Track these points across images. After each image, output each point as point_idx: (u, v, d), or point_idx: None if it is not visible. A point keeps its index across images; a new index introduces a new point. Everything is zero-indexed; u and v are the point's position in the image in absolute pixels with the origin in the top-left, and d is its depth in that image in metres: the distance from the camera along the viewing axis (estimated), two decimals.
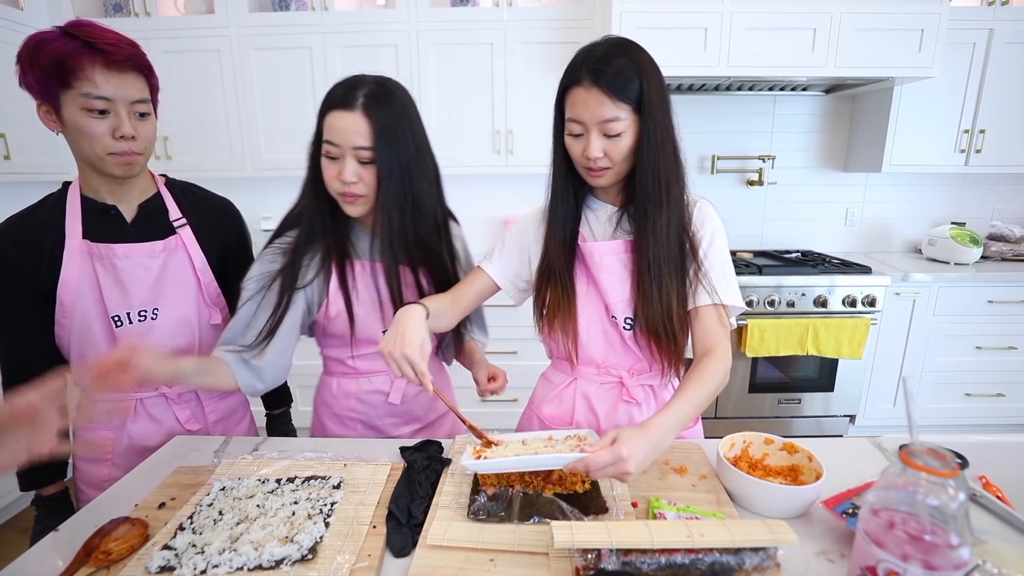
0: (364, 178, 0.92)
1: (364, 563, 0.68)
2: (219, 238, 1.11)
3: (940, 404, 2.64)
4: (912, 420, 0.58)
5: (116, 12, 2.58)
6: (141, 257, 1.00)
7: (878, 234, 3.04)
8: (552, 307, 0.99)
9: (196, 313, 1.06)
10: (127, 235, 1.01)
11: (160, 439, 1.05)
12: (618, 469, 0.69)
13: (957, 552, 0.50)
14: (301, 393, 2.70)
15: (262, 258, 1.02)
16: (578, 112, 0.86)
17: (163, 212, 1.05)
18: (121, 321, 0.99)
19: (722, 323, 0.92)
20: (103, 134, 0.91)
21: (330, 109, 0.92)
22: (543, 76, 2.53)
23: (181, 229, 1.05)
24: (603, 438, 0.73)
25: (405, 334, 0.83)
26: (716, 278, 0.92)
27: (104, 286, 0.97)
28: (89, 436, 1.02)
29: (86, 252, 0.97)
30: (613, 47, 0.86)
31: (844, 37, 2.29)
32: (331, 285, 1.02)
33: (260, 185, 2.95)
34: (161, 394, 1.05)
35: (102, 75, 0.88)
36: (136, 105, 0.93)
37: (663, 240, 0.90)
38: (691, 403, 0.80)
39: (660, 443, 0.74)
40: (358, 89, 0.93)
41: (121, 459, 1.04)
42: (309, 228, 1.00)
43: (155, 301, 1.02)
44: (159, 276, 1.02)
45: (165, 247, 1.03)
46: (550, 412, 1.07)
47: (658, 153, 0.87)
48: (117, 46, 0.89)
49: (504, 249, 1.05)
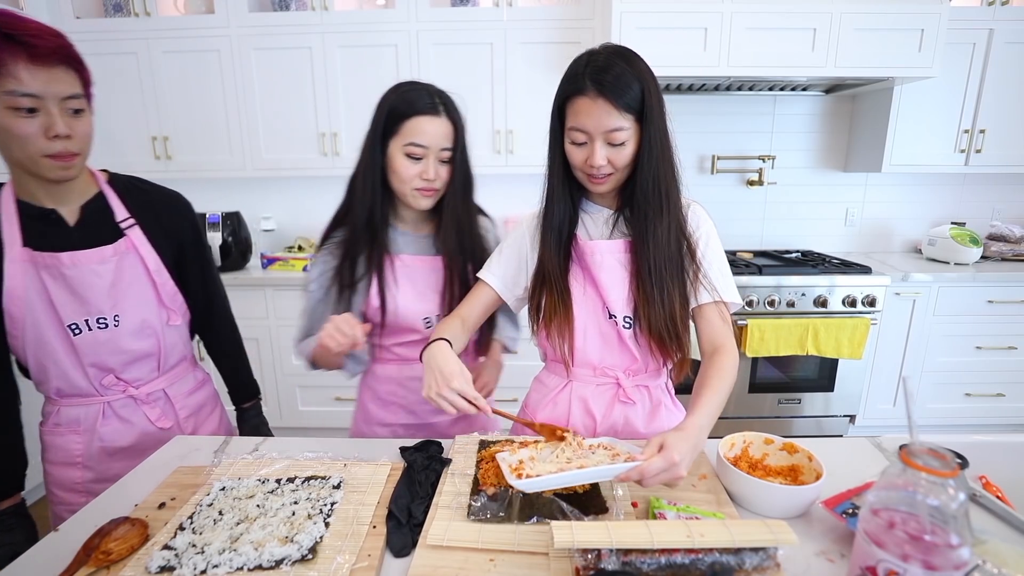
0: (441, 175, 1.04)
1: (364, 563, 0.68)
2: (171, 235, 1.07)
3: (940, 404, 2.64)
4: (912, 420, 0.58)
5: (116, 12, 2.58)
6: (91, 264, 0.96)
7: (878, 234, 3.04)
8: (548, 311, 0.99)
9: (156, 315, 1.04)
10: (71, 240, 0.95)
11: (131, 439, 1.05)
12: (671, 475, 0.70)
13: (957, 552, 0.50)
14: (301, 393, 2.72)
15: (318, 259, 1.11)
16: (582, 121, 0.86)
17: (108, 213, 1.00)
18: (79, 329, 0.97)
19: (725, 320, 0.94)
20: (35, 135, 0.84)
21: (416, 114, 1.00)
22: (543, 76, 2.53)
23: (130, 230, 1.00)
24: (649, 444, 0.73)
25: (443, 370, 0.82)
26: (715, 277, 0.95)
27: (55, 295, 0.94)
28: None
29: (28, 261, 0.92)
30: (614, 56, 0.86)
31: (844, 37, 2.29)
32: (374, 278, 1.09)
33: (260, 185, 2.96)
34: (129, 396, 1.04)
35: (26, 70, 0.81)
36: (68, 101, 0.86)
37: (663, 244, 0.92)
38: (717, 400, 0.83)
39: (698, 444, 0.76)
40: (436, 96, 1.02)
41: (92, 461, 1.04)
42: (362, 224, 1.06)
43: (115, 307, 0.99)
44: (114, 282, 0.98)
45: (115, 251, 0.98)
46: (545, 417, 1.06)
47: (658, 160, 0.89)
48: (41, 37, 0.82)
49: (502, 257, 1.05)
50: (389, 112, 1.02)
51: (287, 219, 3.02)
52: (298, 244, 2.88)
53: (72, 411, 1.03)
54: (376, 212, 1.06)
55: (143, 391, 1.06)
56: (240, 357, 1.28)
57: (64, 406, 1.03)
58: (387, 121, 1.01)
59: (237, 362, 1.27)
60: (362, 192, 1.05)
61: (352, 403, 1.28)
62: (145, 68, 2.57)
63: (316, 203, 2.99)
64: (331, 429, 2.68)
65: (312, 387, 2.67)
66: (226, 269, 2.65)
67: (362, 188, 1.05)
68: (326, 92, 2.59)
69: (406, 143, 1.00)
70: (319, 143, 2.64)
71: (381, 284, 1.08)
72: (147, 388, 1.07)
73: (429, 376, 0.84)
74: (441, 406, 0.81)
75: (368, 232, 1.06)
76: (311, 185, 2.95)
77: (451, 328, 0.96)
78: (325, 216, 1.16)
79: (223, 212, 2.64)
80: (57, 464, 1.05)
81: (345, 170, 1.12)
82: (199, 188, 2.91)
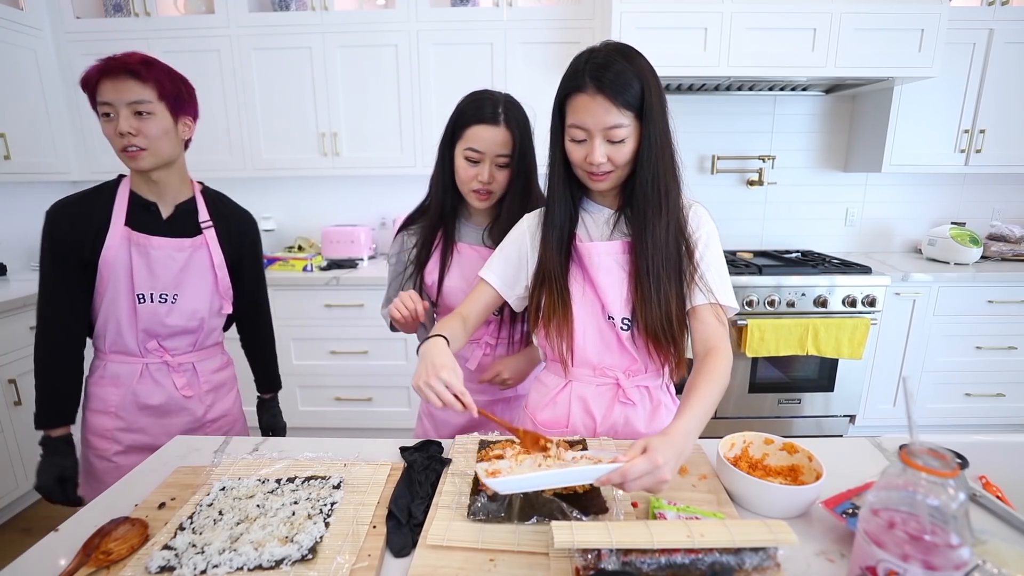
0: (498, 178, 1.11)
1: (364, 563, 0.68)
2: (236, 243, 1.27)
3: (940, 404, 2.64)
4: (912, 420, 0.58)
5: (116, 12, 2.58)
6: (171, 250, 1.17)
7: (878, 234, 3.04)
8: (547, 310, 0.99)
9: (208, 303, 1.23)
10: (161, 229, 1.17)
11: (159, 400, 1.21)
12: (654, 478, 0.68)
13: (957, 552, 0.50)
14: (301, 393, 2.72)
15: (397, 239, 1.27)
16: (581, 118, 0.86)
17: (194, 214, 1.21)
18: (144, 299, 1.15)
19: (720, 321, 0.93)
20: (111, 135, 1.08)
21: (476, 122, 1.08)
22: (543, 76, 2.53)
23: (207, 230, 1.21)
24: (633, 447, 0.71)
25: (434, 362, 0.83)
26: (712, 279, 0.94)
27: (136, 268, 1.14)
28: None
29: (125, 237, 1.13)
30: (614, 53, 0.86)
31: (844, 37, 2.29)
32: (432, 259, 1.21)
33: (260, 185, 2.95)
34: (164, 362, 1.21)
35: (102, 84, 1.06)
36: (134, 105, 1.06)
37: (662, 243, 0.91)
38: (705, 405, 0.81)
39: (684, 449, 0.73)
40: (499, 105, 1.10)
41: (124, 412, 1.20)
42: (435, 215, 1.20)
43: (176, 287, 1.18)
44: (183, 267, 1.18)
45: (192, 244, 1.19)
46: (545, 417, 1.06)
47: (658, 158, 0.88)
48: (115, 60, 1.06)
49: (503, 256, 1.05)
50: (456, 118, 1.12)
51: (287, 219, 3.02)
52: (298, 244, 2.88)
53: (116, 367, 1.20)
54: (447, 205, 1.19)
55: (176, 360, 1.23)
56: (271, 353, 1.48)
57: (111, 362, 1.20)
58: (454, 127, 1.12)
59: (268, 357, 1.47)
60: (435, 188, 1.20)
61: (352, 403, 1.30)
62: None
63: (316, 203, 2.99)
64: (331, 429, 2.68)
65: (312, 387, 2.67)
66: None
67: (435, 185, 1.19)
68: (326, 92, 2.59)
69: (465, 148, 1.09)
70: (319, 143, 2.64)
71: (441, 266, 1.20)
72: (181, 359, 1.23)
73: (421, 367, 0.84)
74: (428, 397, 0.81)
75: (440, 222, 1.20)
76: (311, 185, 2.95)
77: (451, 326, 0.97)
78: (325, 216, 1.19)
79: None
80: (96, 412, 1.20)
81: (345, 170, 1.14)
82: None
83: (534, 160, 1.15)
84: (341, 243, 2.73)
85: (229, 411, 1.34)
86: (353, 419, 2.68)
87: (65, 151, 2.64)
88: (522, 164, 1.12)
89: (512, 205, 1.14)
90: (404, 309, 1.03)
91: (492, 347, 1.23)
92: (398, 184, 2.95)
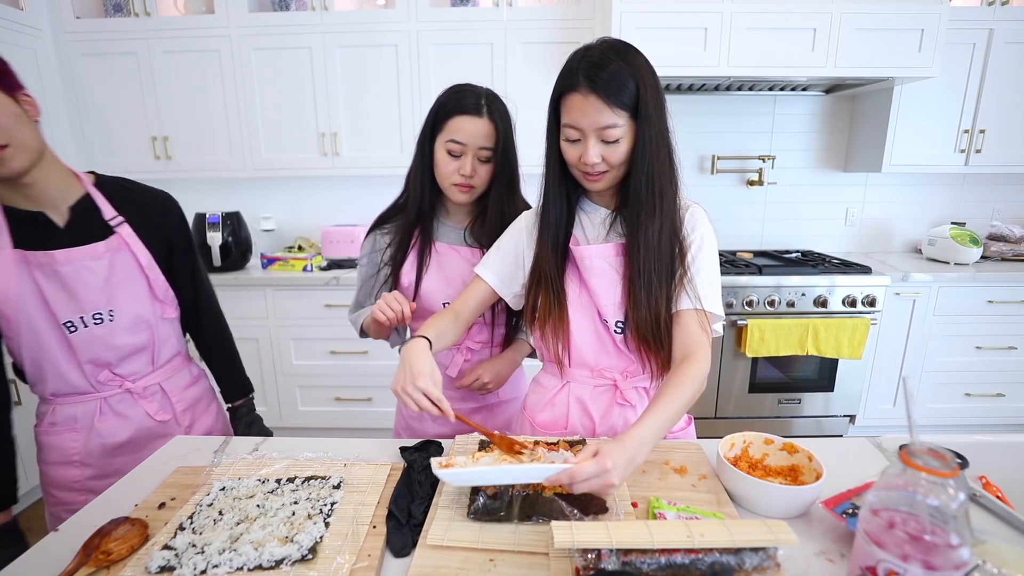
0: (480, 172, 1.09)
1: (364, 563, 0.68)
2: (160, 233, 1.09)
3: (940, 404, 2.64)
4: (912, 420, 0.58)
5: (116, 12, 2.58)
6: (85, 261, 0.98)
7: (878, 234, 3.04)
8: (543, 311, 0.98)
9: (149, 309, 1.07)
10: (62, 241, 0.98)
11: (128, 434, 1.06)
12: (602, 481, 0.67)
13: (957, 552, 0.50)
14: (301, 393, 2.72)
15: (369, 238, 1.21)
16: (575, 118, 0.85)
17: (96, 212, 1.02)
18: (75, 326, 0.99)
19: (704, 329, 0.89)
20: None
21: (459, 113, 1.06)
22: (543, 76, 2.53)
23: (119, 228, 1.03)
24: (584, 449, 0.71)
25: (413, 368, 0.84)
26: (701, 284, 0.91)
27: (48, 294, 0.96)
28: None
29: (21, 262, 0.94)
30: (609, 51, 0.84)
31: (844, 37, 2.29)
32: (408, 259, 1.17)
33: (260, 185, 2.95)
34: (126, 390, 1.06)
35: None
36: None
37: (654, 245, 0.89)
38: (666, 413, 0.78)
39: (636, 456, 0.72)
40: (482, 98, 1.07)
41: (91, 458, 1.05)
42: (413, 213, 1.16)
43: (109, 302, 1.01)
44: (107, 277, 1.01)
45: (108, 247, 1.01)
46: (544, 418, 1.06)
47: (653, 159, 0.86)
48: None
49: (499, 253, 1.04)
50: (437, 110, 1.09)
51: (287, 219, 3.02)
52: (298, 244, 2.88)
53: (68, 409, 1.04)
54: (425, 202, 1.15)
55: (139, 385, 1.08)
56: (230, 355, 1.29)
57: (60, 405, 1.04)
58: (434, 119, 1.09)
59: (227, 360, 1.29)
60: (413, 183, 1.15)
61: (352, 403, 1.30)
62: (145, 68, 2.57)
63: (316, 203, 2.99)
64: (331, 429, 2.68)
65: (312, 387, 2.67)
66: (226, 269, 2.65)
67: (413, 180, 1.15)
68: (326, 92, 2.59)
69: (447, 140, 1.07)
70: (319, 143, 2.64)
71: (419, 266, 1.16)
72: (143, 382, 1.09)
73: (400, 371, 0.85)
74: (405, 402, 0.83)
75: (417, 220, 1.16)
76: (311, 185, 2.95)
77: (440, 323, 0.96)
78: (325, 216, 1.19)
79: (223, 212, 2.64)
80: (54, 464, 1.06)
81: (345, 170, 1.14)
82: (199, 188, 2.92)
83: (516, 156, 1.12)
84: (341, 243, 2.73)
85: (213, 427, 1.22)
86: (353, 419, 2.68)
87: (65, 151, 2.63)
88: (505, 158, 1.09)
89: (497, 202, 1.12)
90: (389, 311, 1.00)
91: (473, 352, 1.21)
92: (398, 184, 2.89)
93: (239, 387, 1.29)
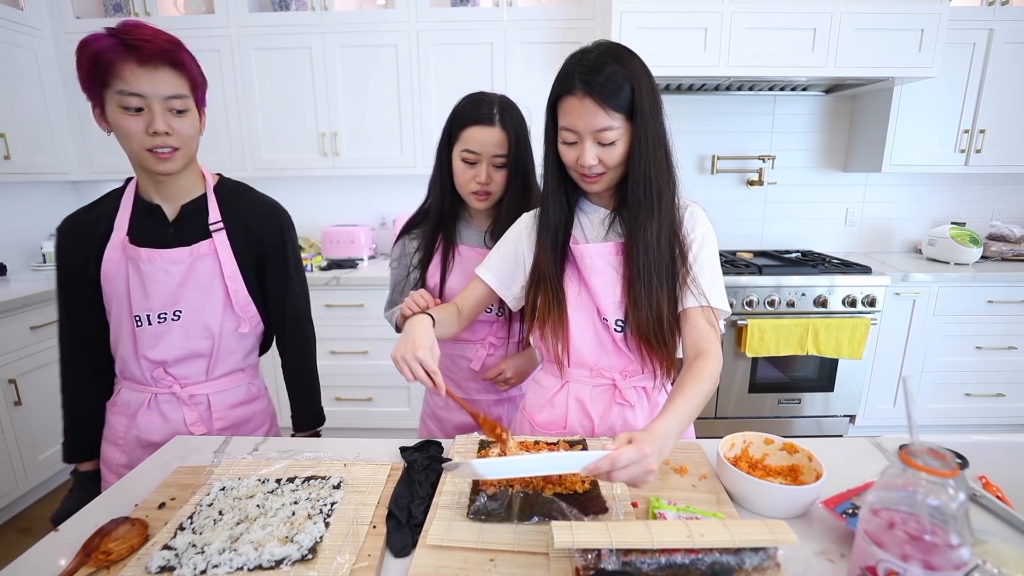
0: (495, 179, 1.12)
1: (364, 563, 0.68)
2: (255, 242, 1.09)
3: (940, 404, 2.64)
4: (912, 420, 0.58)
5: (116, 12, 2.58)
6: (164, 263, 1.01)
7: (878, 234, 3.04)
8: (543, 311, 0.98)
9: (219, 319, 1.06)
10: (165, 236, 1.03)
11: (164, 436, 1.06)
12: (642, 467, 0.66)
13: (957, 552, 0.50)
14: None
15: (399, 243, 1.27)
16: (571, 121, 0.86)
17: (203, 215, 1.05)
18: (141, 322, 1.03)
19: (712, 325, 0.91)
20: (138, 132, 0.92)
21: (472, 124, 1.09)
22: (543, 76, 2.53)
23: (216, 233, 1.05)
24: (618, 438, 0.70)
25: (415, 339, 0.86)
26: (705, 281, 0.92)
27: (132, 286, 1.01)
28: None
29: (123, 251, 1.01)
30: (605, 55, 0.85)
31: (844, 37, 2.29)
32: (433, 262, 1.21)
33: (260, 185, 2.90)
34: (173, 393, 1.07)
35: (131, 71, 0.89)
36: (171, 101, 0.93)
37: (653, 246, 0.90)
38: (688, 407, 0.78)
39: (664, 447, 0.71)
40: (495, 107, 1.10)
41: (128, 446, 1.08)
42: (435, 219, 1.20)
43: (176, 303, 1.03)
44: (182, 281, 1.03)
45: (192, 253, 1.03)
46: (543, 418, 1.06)
47: (650, 160, 0.87)
48: (151, 41, 0.89)
49: (499, 255, 1.06)
50: (452, 121, 1.13)
51: None
52: None
53: (127, 394, 1.08)
54: (446, 208, 1.19)
55: (187, 391, 1.07)
56: (309, 381, 1.25)
57: (124, 388, 1.09)
58: (450, 129, 1.13)
59: (305, 386, 1.25)
60: (434, 191, 1.20)
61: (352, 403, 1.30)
62: None
63: (316, 203, 2.99)
64: (331, 429, 2.66)
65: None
66: None
67: (434, 188, 1.20)
68: (326, 92, 2.59)
69: (462, 149, 1.10)
70: (319, 143, 2.64)
71: (443, 269, 1.21)
72: (192, 389, 1.08)
73: (401, 340, 0.88)
74: (401, 369, 0.85)
75: (440, 226, 1.21)
76: (311, 185, 2.95)
77: (444, 313, 1.00)
78: (325, 216, 1.19)
79: None
80: (108, 442, 1.10)
81: (345, 170, 1.14)
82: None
83: (531, 159, 1.15)
84: (341, 243, 2.73)
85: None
86: (353, 419, 2.67)
87: (65, 151, 2.64)
88: (519, 163, 1.12)
89: (511, 205, 1.15)
90: (415, 307, 1.03)
91: (495, 347, 1.24)
92: (398, 184, 2.95)
93: (311, 416, 1.25)
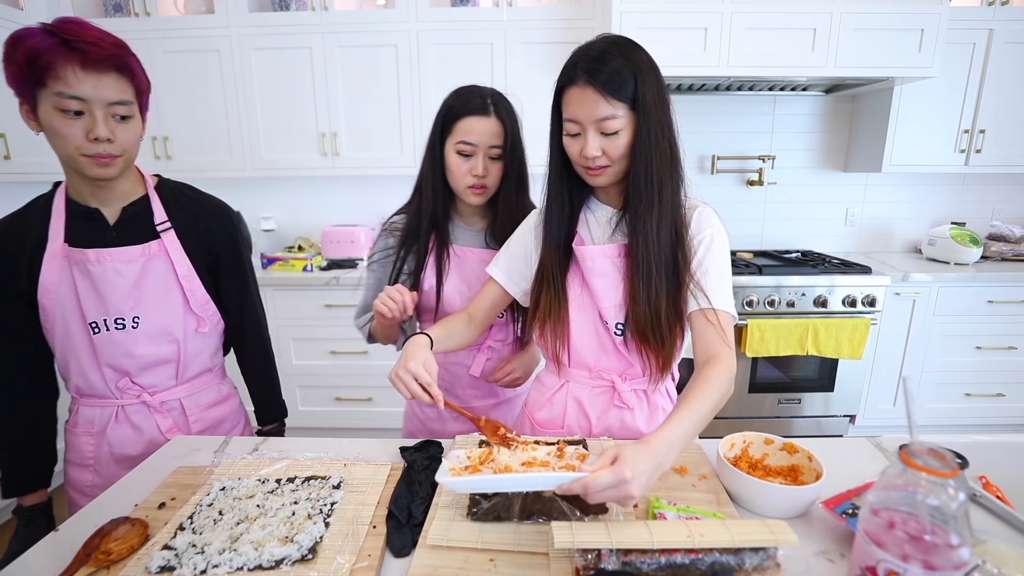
0: (491, 171, 1.09)
1: (364, 563, 0.68)
2: (208, 243, 1.07)
3: (940, 404, 2.64)
4: (912, 420, 0.58)
5: (116, 12, 2.57)
6: (116, 263, 0.97)
7: (878, 234, 3.04)
8: (544, 310, 0.98)
9: (181, 322, 1.04)
10: (107, 239, 0.97)
11: (140, 449, 1.03)
12: (620, 492, 0.62)
13: (957, 552, 0.50)
14: (301, 393, 2.71)
15: (379, 242, 1.19)
16: (574, 111, 0.86)
17: (147, 215, 1.01)
18: (98, 328, 0.97)
19: (721, 329, 0.87)
20: (76, 135, 0.87)
21: (467, 115, 1.06)
22: (543, 76, 2.53)
23: (165, 233, 1.01)
24: (602, 456, 0.66)
25: (406, 355, 0.87)
26: (710, 284, 0.89)
27: (81, 292, 0.96)
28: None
29: (64, 257, 0.95)
30: (609, 46, 0.85)
31: (844, 37, 2.29)
32: (427, 264, 1.16)
33: (260, 185, 2.95)
34: (142, 402, 1.03)
35: (75, 74, 0.84)
36: (115, 107, 0.89)
37: (653, 239, 0.88)
38: (694, 416, 0.75)
39: (664, 462, 0.68)
40: (488, 98, 1.07)
41: (101, 465, 1.04)
42: (427, 217, 1.14)
43: (134, 308, 0.99)
44: (136, 283, 0.99)
45: (143, 252, 0.99)
46: (542, 417, 1.06)
47: (652, 152, 0.86)
48: (97, 45, 0.85)
49: (509, 252, 1.05)
50: (445, 113, 1.09)
51: (287, 219, 3.02)
52: (298, 244, 2.88)
53: (88, 411, 1.03)
54: (439, 206, 1.14)
55: (157, 399, 1.04)
56: (269, 377, 1.25)
57: (83, 405, 1.03)
58: (443, 122, 1.09)
59: (266, 382, 1.24)
60: (425, 188, 1.14)
61: (352, 403, 1.29)
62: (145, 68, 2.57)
63: (316, 203, 2.99)
64: (331, 429, 2.68)
65: (312, 387, 2.67)
66: None
67: (425, 185, 1.14)
68: (326, 92, 2.59)
69: (457, 141, 1.07)
70: (319, 143, 2.64)
71: (438, 271, 1.16)
72: (163, 396, 1.05)
73: (398, 360, 0.88)
74: (396, 387, 0.85)
75: (431, 225, 1.15)
76: (311, 185, 2.95)
77: (450, 324, 0.99)
78: (325, 216, 1.18)
79: None
80: (73, 464, 1.05)
81: (345, 170, 1.13)
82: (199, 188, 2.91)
83: (524, 153, 1.13)
84: (341, 243, 2.73)
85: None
86: (353, 419, 2.68)
87: None
88: (514, 155, 1.10)
89: (507, 200, 1.13)
90: (391, 303, 0.98)
91: (494, 350, 1.23)
92: (398, 184, 2.93)
93: (274, 410, 1.25)
